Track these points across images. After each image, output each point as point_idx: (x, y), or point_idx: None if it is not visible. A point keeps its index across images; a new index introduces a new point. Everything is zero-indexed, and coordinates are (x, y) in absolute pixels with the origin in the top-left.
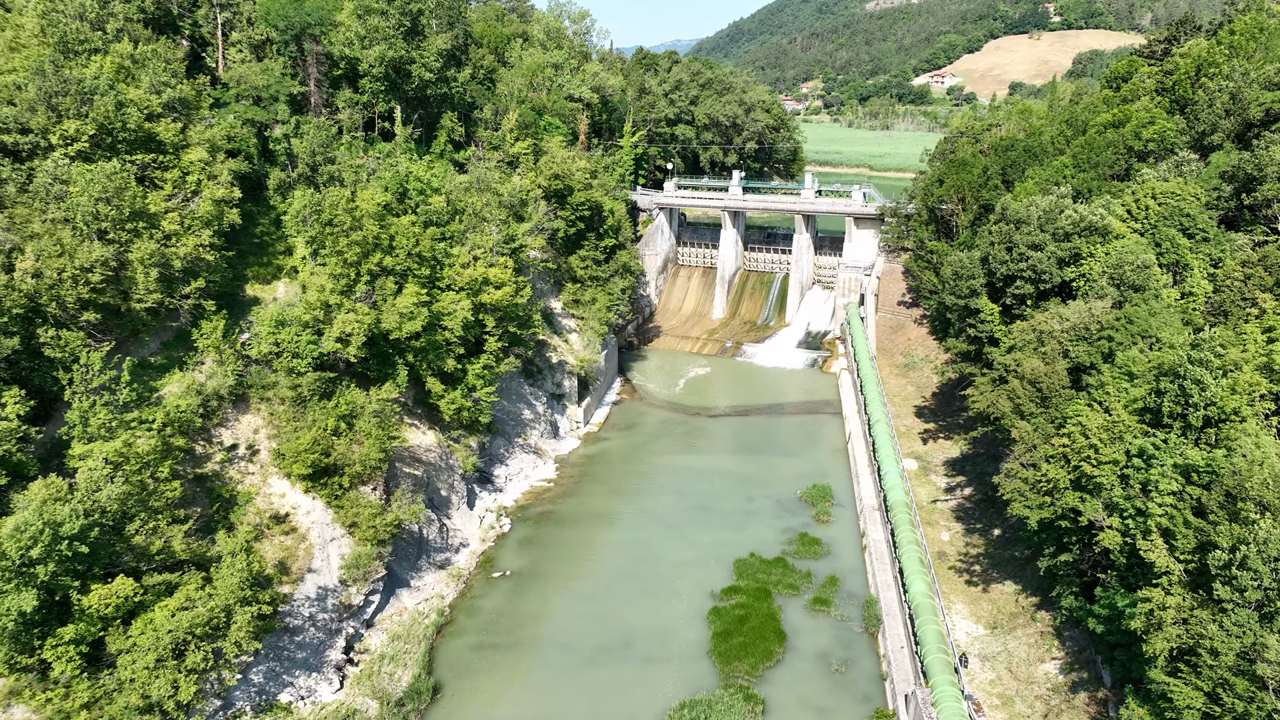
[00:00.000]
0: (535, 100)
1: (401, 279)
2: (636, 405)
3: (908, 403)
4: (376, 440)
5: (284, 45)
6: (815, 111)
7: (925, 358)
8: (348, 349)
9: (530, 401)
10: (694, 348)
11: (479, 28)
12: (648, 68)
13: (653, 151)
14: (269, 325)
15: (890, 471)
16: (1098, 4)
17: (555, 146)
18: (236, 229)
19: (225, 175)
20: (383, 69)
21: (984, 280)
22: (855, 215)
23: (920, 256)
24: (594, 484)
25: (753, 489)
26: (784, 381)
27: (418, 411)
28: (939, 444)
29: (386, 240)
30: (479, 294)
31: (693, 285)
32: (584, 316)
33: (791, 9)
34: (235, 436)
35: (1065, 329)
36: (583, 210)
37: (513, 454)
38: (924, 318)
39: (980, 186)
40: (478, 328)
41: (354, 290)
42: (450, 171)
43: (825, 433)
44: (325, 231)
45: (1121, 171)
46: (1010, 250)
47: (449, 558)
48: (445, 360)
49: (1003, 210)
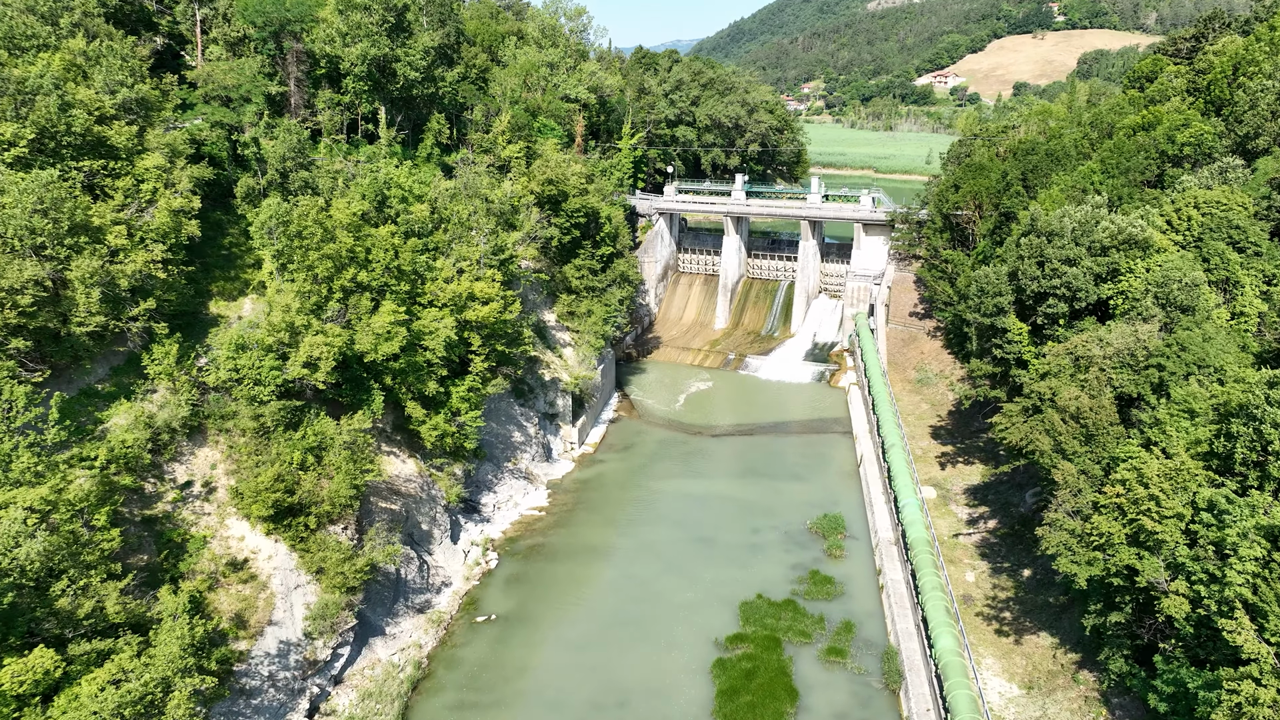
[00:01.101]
0: (529, 101)
1: (379, 295)
2: (635, 423)
3: (922, 422)
4: (347, 475)
5: (262, 43)
6: (817, 112)
7: (940, 373)
8: (316, 375)
9: (521, 423)
10: (695, 360)
11: (472, 25)
12: (647, 67)
13: (652, 154)
14: (228, 349)
15: (909, 504)
16: (1102, 4)
17: (550, 149)
18: (200, 241)
19: (185, 183)
20: (365, 68)
21: (1012, 298)
22: (864, 221)
23: (934, 266)
24: (588, 513)
25: (758, 519)
26: (790, 397)
27: (397, 438)
28: (958, 469)
29: (362, 253)
30: (464, 310)
31: (694, 294)
32: (579, 330)
33: (793, 9)
34: (190, 472)
35: (1107, 355)
36: (578, 217)
37: (501, 480)
38: (938, 330)
39: (1000, 193)
40: (462, 347)
41: (325, 309)
42: (438, 176)
43: (835, 454)
44: (293, 245)
45: (1153, 178)
46: (1042, 266)
47: (429, 599)
48: (426, 383)
49: (1032, 221)
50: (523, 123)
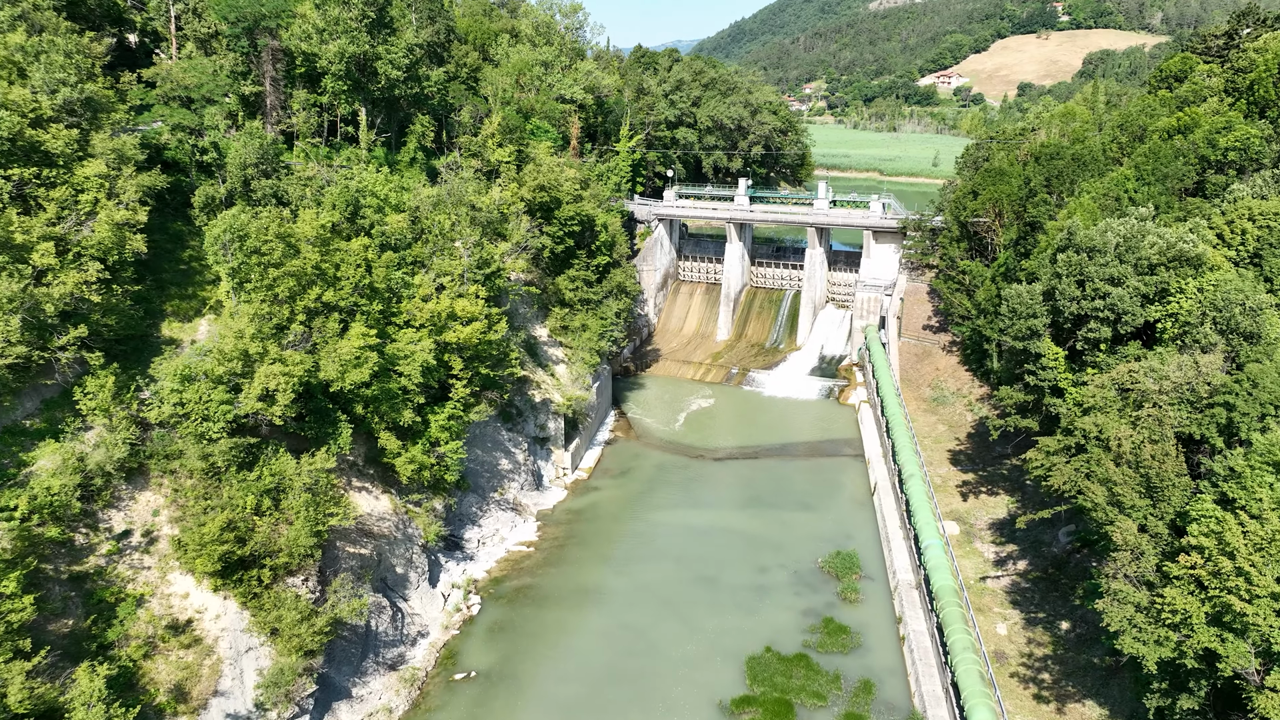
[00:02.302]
0: (522, 101)
1: (348, 316)
2: (632, 445)
3: (940, 446)
4: (308, 522)
5: (235, 40)
6: (819, 113)
7: (957, 391)
8: (272, 409)
9: (508, 449)
10: (696, 374)
11: (464, 23)
12: (646, 67)
13: (651, 157)
14: (173, 381)
15: (932, 545)
16: (1107, 3)
17: (542, 153)
18: (155, 255)
19: (131, 193)
20: (343, 66)
21: (1048, 320)
22: (874, 228)
23: (950, 277)
24: (580, 548)
25: (765, 555)
26: (796, 415)
27: (369, 472)
28: (981, 500)
29: (331, 270)
30: (443, 332)
31: (695, 303)
32: (573, 345)
33: (794, 9)
34: (129, 520)
35: (1163, 389)
36: (572, 225)
37: (487, 512)
38: (954, 345)
39: (1022, 200)
40: (442, 370)
41: (286, 333)
42: (423, 183)
43: (846, 480)
44: (251, 262)
45: (1193, 185)
46: (1083, 285)
47: (403, 653)
48: (401, 412)
49: (1069, 236)
50: (514, 125)
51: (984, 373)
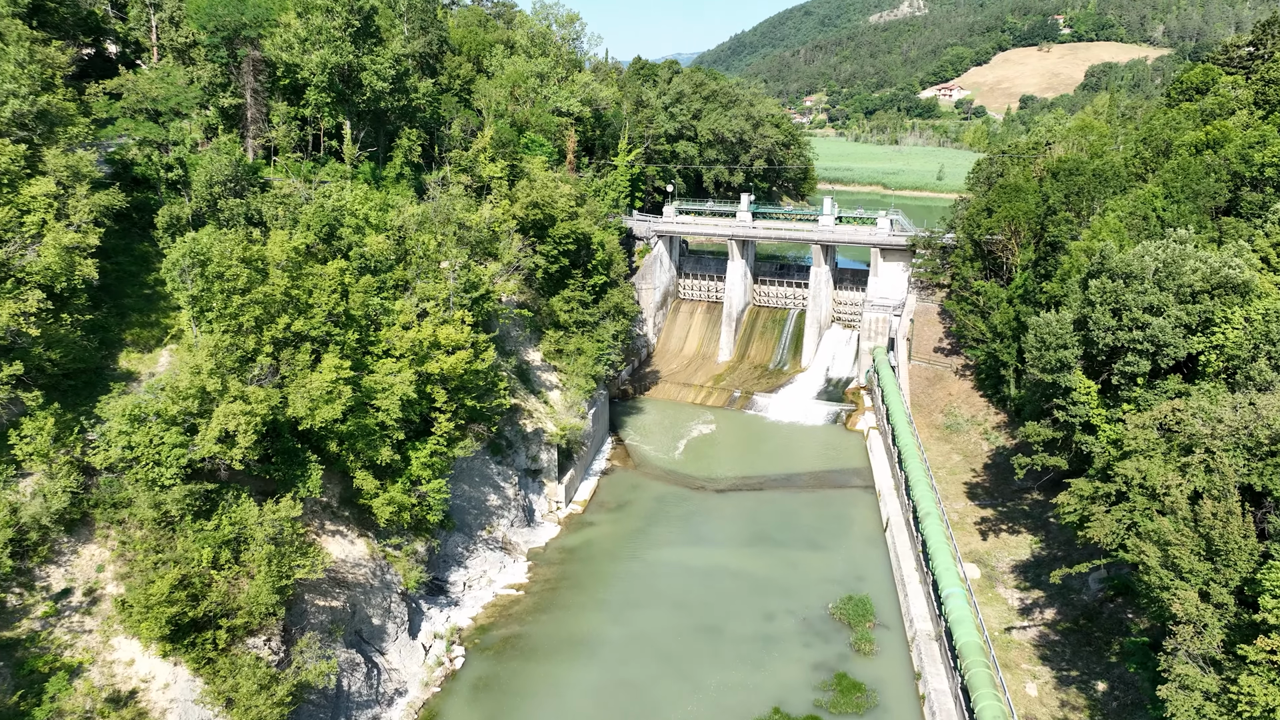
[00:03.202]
0: (516, 114)
1: (321, 347)
2: (629, 475)
3: (955, 478)
4: (269, 577)
5: (213, 50)
6: (820, 125)
7: (971, 418)
8: (232, 451)
9: (497, 484)
10: (697, 398)
11: (458, 34)
12: (646, 78)
13: (651, 171)
14: (122, 421)
15: (954, 594)
16: (1108, 16)
17: (537, 168)
18: (117, 278)
19: (84, 213)
20: (326, 77)
21: (1079, 351)
22: (882, 246)
23: (963, 298)
24: (574, 591)
25: (771, 599)
26: (802, 442)
27: (344, 514)
28: (1002, 539)
29: (303, 296)
30: (426, 362)
31: (696, 323)
32: (568, 370)
33: (794, 22)
34: (69, 577)
35: (1217, 433)
36: (567, 244)
37: (474, 552)
38: (967, 368)
39: (1040, 218)
40: (424, 403)
41: (251, 366)
42: (411, 199)
43: (856, 514)
44: (214, 289)
45: (1226, 204)
46: (1118, 315)
47: (378, 715)
48: (379, 449)
49: (1102, 260)
50: (507, 139)
51: (1000, 399)
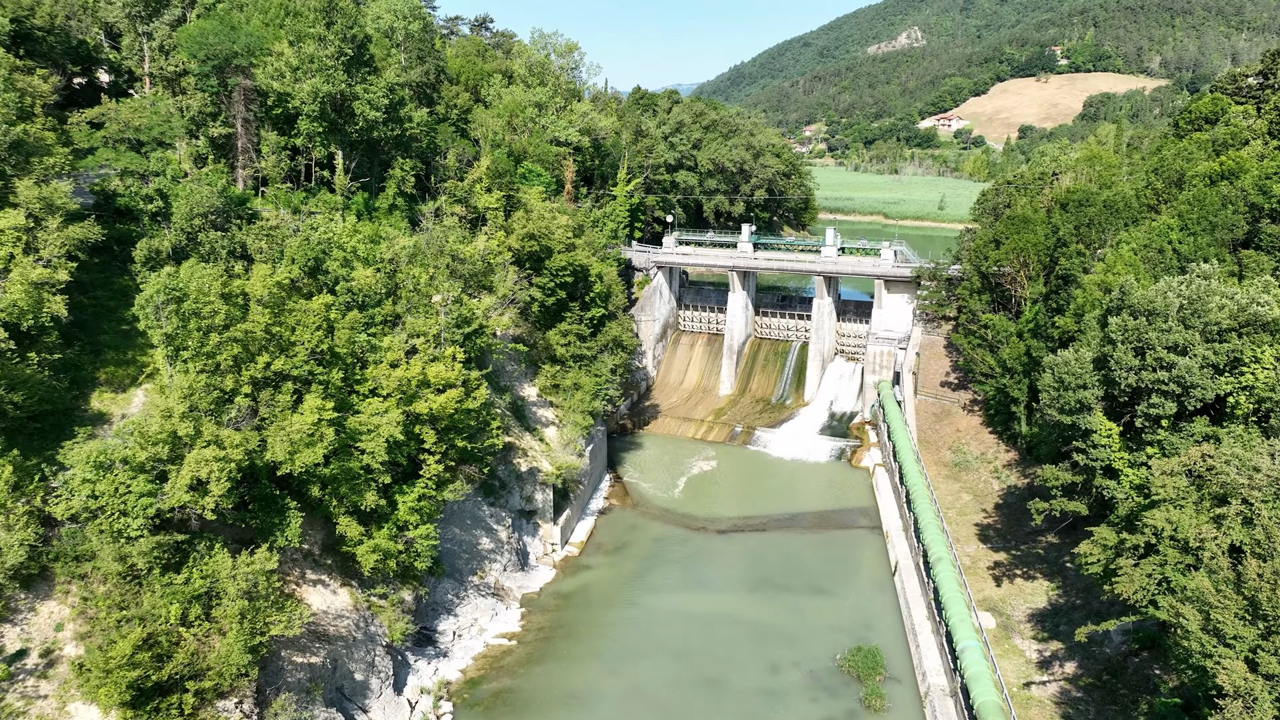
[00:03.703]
0: (514, 144)
1: (304, 386)
2: (628, 514)
3: (965, 519)
4: (241, 636)
5: (204, 78)
6: (819, 155)
7: (981, 455)
8: (204, 500)
9: (490, 526)
10: (698, 432)
11: (456, 64)
12: (645, 108)
13: (650, 201)
14: (85, 469)
15: (970, 647)
16: (1105, 47)
17: (534, 198)
18: (91, 315)
19: (54, 247)
20: (317, 106)
21: (1100, 392)
22: (886, 278)
23: (971, 331)
24: (569, 641)
25: (776, 649)
26: (806, 479)
27: (326, 562)
28: (1017, 586)
29: (286, 333)
30: (414, 401)
31: (696, 355)
32: (565, 406)
33: (792, 53)
34: (25, 637)
35: (1253, 481)
36: (564, 276)
37: (465, 599)
38: (975, 404)
39: (1050, 250)
40: (412, 444)
41: (228, 408)
42: (404, 230)
43: (863, 557)
44: (189, 326)
45: (1244, 237)
46: (1141, 354)
47: None
48: (364, 494)
49: (1122, 296)
50: (503, 169)
51: (1010, 436)
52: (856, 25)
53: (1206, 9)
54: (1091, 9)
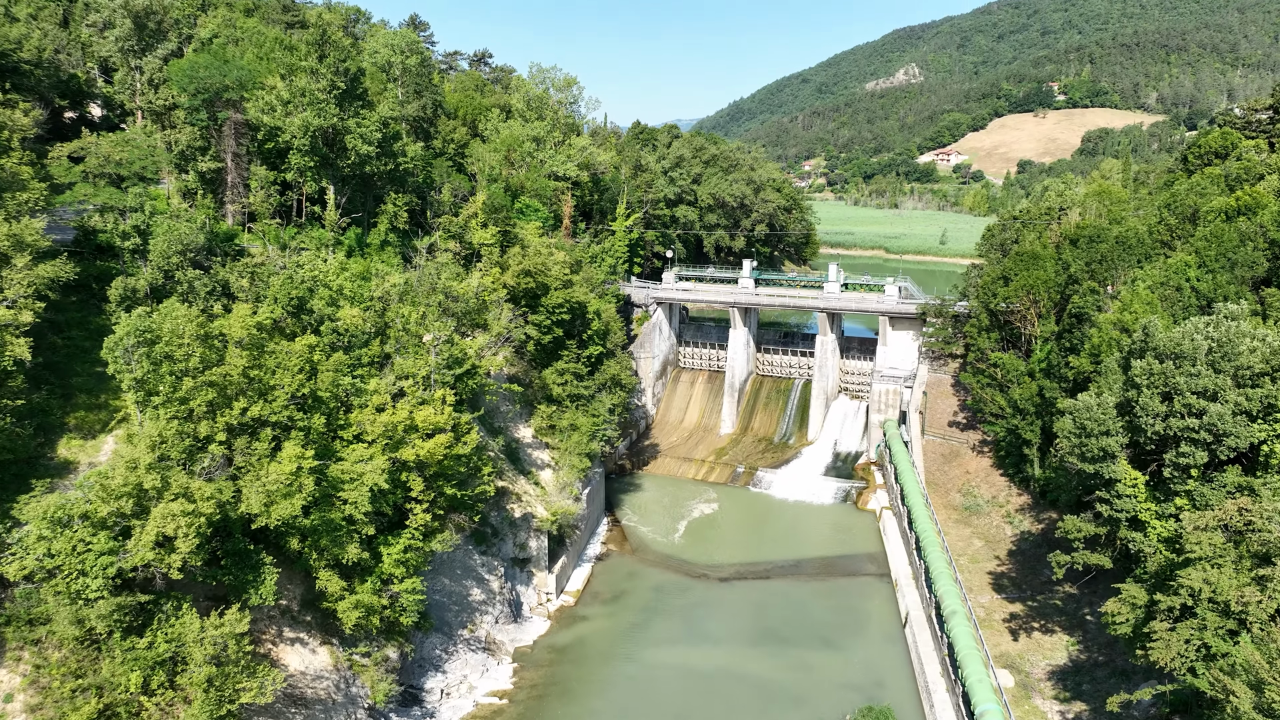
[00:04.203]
0: (511, 179)
1: (283, 433)
2: (626, 561)
3: (978, 567)
4: (208, 706)
5: (193, 112)
6: (818, 189)
7: (992, 499)
8: (171, 557)
9: (481, 576)
10: (698, 473)
11: (455, 98)
12: (645, 143)
13: (650, 236)
14: (41, 525)
15: (989, 711)
16: (1102, 83)
17: (530, 233)
18: (64, 357)
19: (20, 287)
20: (308, 140)
21: (1125, 439)
22: (891, 314)
23: (980, 370)
24: (563, 701)
25: (783, 710)
26: (810, 523)
27: (306, 619)
28: (1035, 640)
29: (265, 377)
30: (400, 447)
31: (696, 393)
32: (561, 447)
33: (791, 89)
34: None
35: None
36: (561, 313)
37: (454, 654)
38: (985, 444)
39: (1061, 287)
40: (398, 493)
41: (201, 456)
42: (397, 267)
43: (872, 608)
44: (161, 370)
45: (1265, 274)
46: (1169, 399)
47: None
48: (345, 547)
49: (1145, 338)
50: (499, 204)
51: (1022, 479)
52: (854, 62)
53: (1201, 46)
54: (1088, 46)
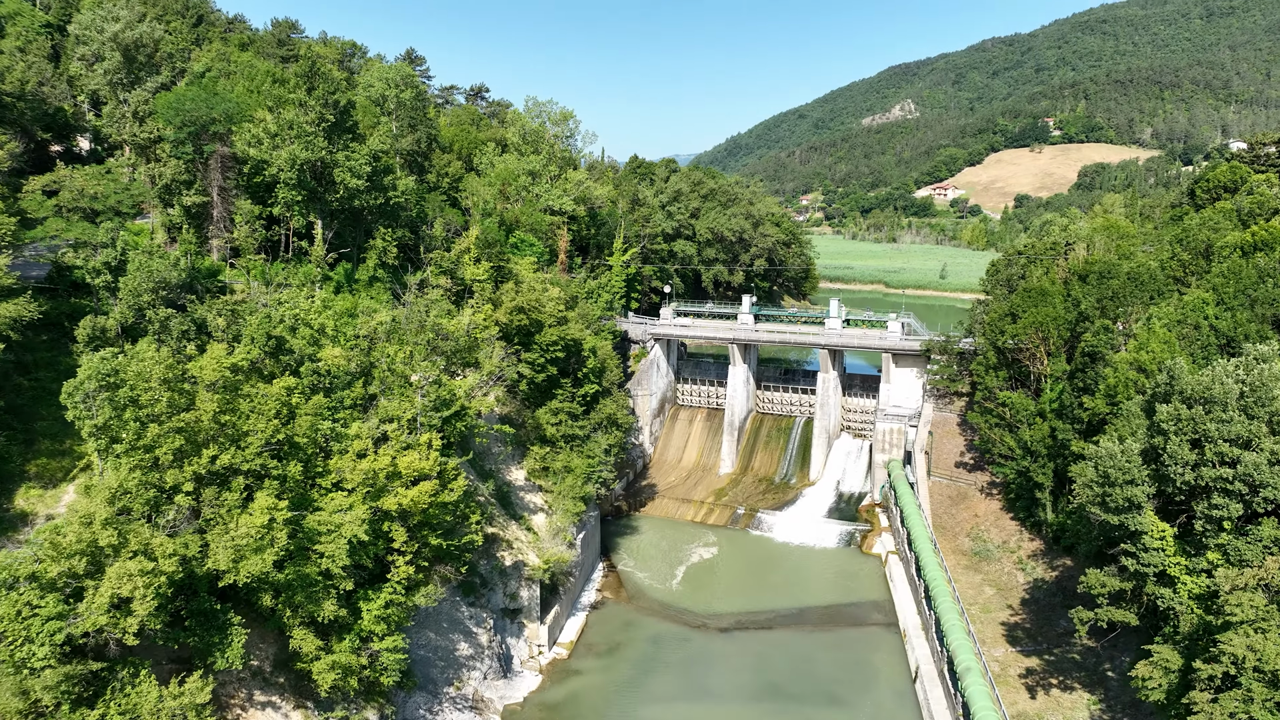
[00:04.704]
0: (506, 213)
1: (257, 481)
2: (622, 609)
3: (990, 617)
4: None
5: (179, 145)
6: (816, 224)
7: (1003, 544)
8: (127, 621)
9: (469, 629)
10: (697, 515)
11: (450, 132)
12: (642, 176)
13: (647, 271)
14: None
15: None
16: (1097, 119)
17: (525, 269)
18: (29, 399)
19: None
20: (295, 174)
21: (1152, 489)
22: (894, 351)
23: (988, 410)
24: None
25: None
26: (812, 568)
27: (279, 680)
28: (1053, 698)
29: (239, 422)
30: (382, 495)
31: (695, 431)
32: (555, 490)
33: (788, 125)
34: None
35: None
36: (555, 351)
37: (439, 713)
38: (993, 486)
39: (1072, 324)
40: (379, 544)
41: (166, 508)
42: (387, 303)
43: (879, 661)
44: (125, 416)
45: None
46: (1199, 447)
47: None
48: (322, 604)
49: (1170, 380)
50: (494, 238)
51: (1034, 523)
52: (850, 98)
53: (1194, 82)
54: (1082, 82)
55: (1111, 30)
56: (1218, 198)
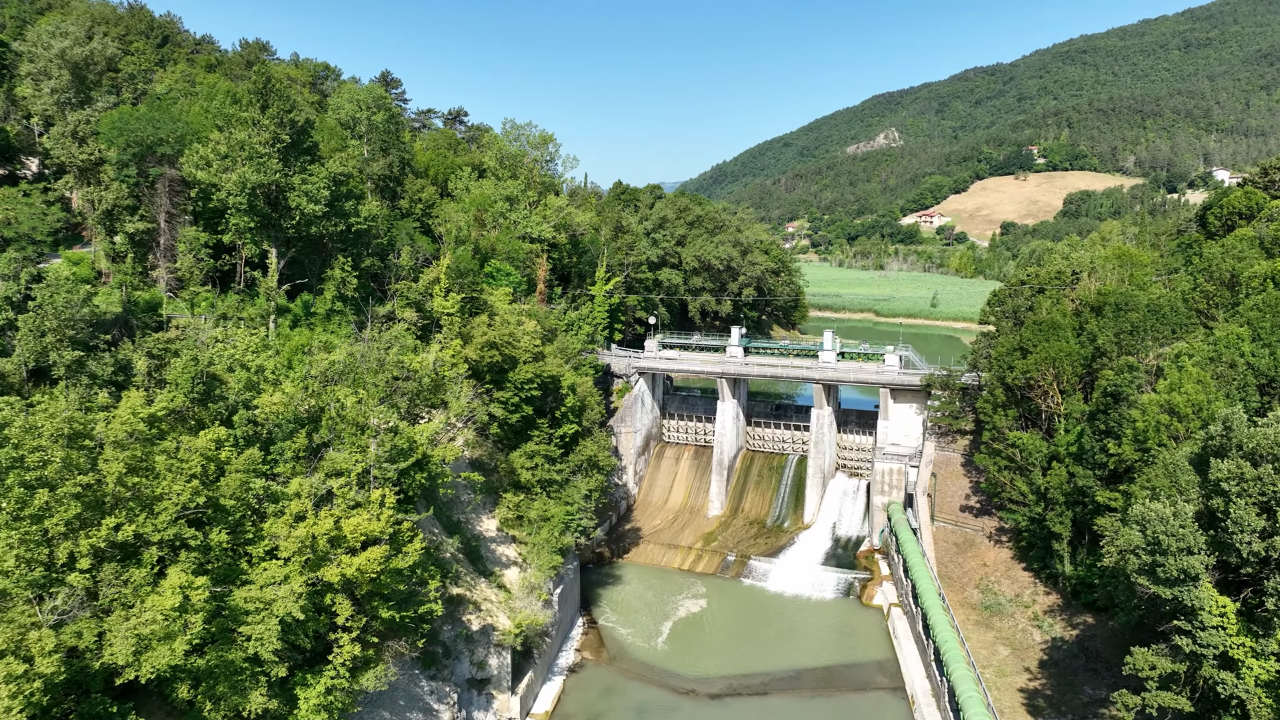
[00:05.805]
0: (481, 241)
1: (172, 553)
2: (603, 672)
3: (1005, 681)
4: None
5: (122, 167)
6: (802, 251)
7: (1015, 597)
8: None
9: (430, 706)
10: (684, 562)
11: (425, 157)
12: (626, 203)
13: (631, 301)
14: None
15: None
16: (1081, 147)
17: (499, 300)
18: None
19: None
20: (245, 198)
21: (1212, 559)
22: (893, 386)
23: (997, 451)
24: None
25: None
26: (810, 622)
27: None
28: None
29: (152, 484)
30: (322, 565)
31: (682, 470)
32: (530, 542)
33: (773, 153)
34: None
35: None
36: (530, 389)
37: None
38: (1002, 532)
39: (1088, 360)
40: (320, 620)
41: (55, 591)
42: (348, 339)
43: None
44: (8, 481)
45: None
46: (1269, 513)
47: None
48: (249, 695)
49: (1226, 433)
50: (467, 267)
51: (1050, 575)
52: (835, 126)
53: (1175, 111)
54: (1065, 111)
55: (1092, 60)
56: (1233, 225)
